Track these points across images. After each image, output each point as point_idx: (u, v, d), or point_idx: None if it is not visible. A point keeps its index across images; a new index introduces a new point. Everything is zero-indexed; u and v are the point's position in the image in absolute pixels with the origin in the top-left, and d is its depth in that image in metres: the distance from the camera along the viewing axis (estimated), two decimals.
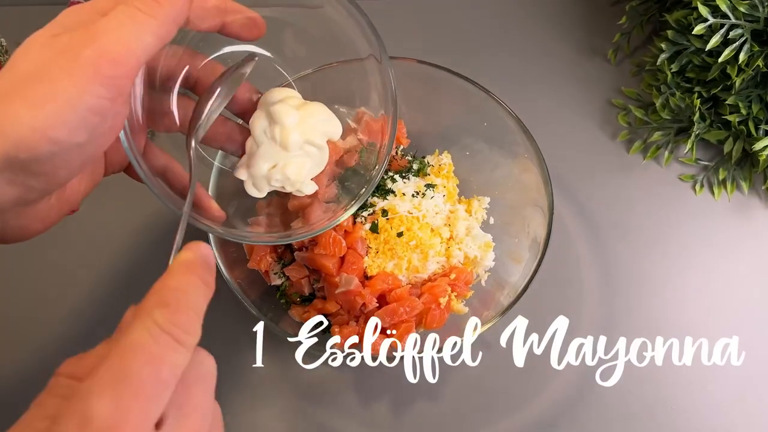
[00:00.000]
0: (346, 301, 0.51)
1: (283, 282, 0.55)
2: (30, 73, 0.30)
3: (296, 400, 0.56)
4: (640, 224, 0.65)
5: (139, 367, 0.26)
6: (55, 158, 0.31)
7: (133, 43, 0.31)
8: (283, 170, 0.43)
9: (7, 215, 0.34)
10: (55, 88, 0.30)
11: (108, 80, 0.31)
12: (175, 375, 0.27)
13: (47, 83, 0.30)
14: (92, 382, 0.25)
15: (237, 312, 0.58)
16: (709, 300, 0.62)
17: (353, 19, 0.44)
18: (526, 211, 0.57)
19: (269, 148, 0.43)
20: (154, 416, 0.26)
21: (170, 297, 0.29)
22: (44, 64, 0.30)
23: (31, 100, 0.30)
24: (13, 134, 0.29)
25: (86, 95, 0.30)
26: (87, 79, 0.30)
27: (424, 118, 0.61)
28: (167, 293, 0.29)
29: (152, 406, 0.26)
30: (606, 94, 0.71)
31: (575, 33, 0.74)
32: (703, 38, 0.63)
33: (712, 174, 0.67)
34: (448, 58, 0.60)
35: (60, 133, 0.30)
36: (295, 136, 0.43)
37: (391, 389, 0.57)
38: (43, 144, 0.30)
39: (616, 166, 0.68)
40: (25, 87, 0.30)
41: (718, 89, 0.64)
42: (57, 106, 0.30)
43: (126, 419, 0.25)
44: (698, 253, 0.64)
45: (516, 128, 0.56)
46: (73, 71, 0.30)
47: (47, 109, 0.30)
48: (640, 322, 0.61)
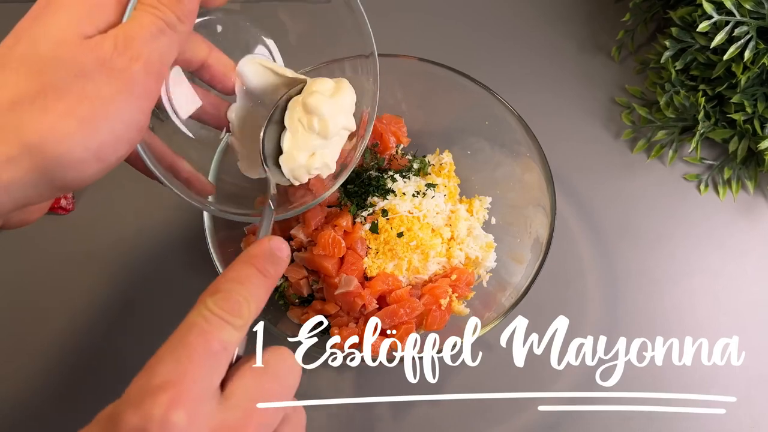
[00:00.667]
0: (346, 302, 0.51)
1: (282, 283, 0.55)
2: (71, 81, 0.29)
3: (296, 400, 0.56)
4: (643, 224, 0.65)
5: (192, 339, 0.29)
6: (94, 174, 0.31)
7: (167, 57, 0.32)
8: (323, 158, 0.44)
9: (14, 212, 0.34)
10: (107, 104, 0.29)
11: (151, 94, 0.31)
12: (225, 348, 0.30)
13: (97, 98, 0.29)
14: (155, 356, 0.29)
15: None
16: (713, 301, 0.61)
17: (354, 14, 0.43)
18: (528, 210, 0.57)
19: (306, 138, 0.43)
20: (209, 380, 0.29)
21: (223, 286, 0.32)
22: (87, 73, 0.29)
23: (81, 115, 0.29)
24: (60, 152, 0.29)
25: (135, 111, 0.30)
26: (137, 95, 0.30)
27: (425, 116, 0.61)
28: (222, 283, 0.32)
29: (206, 371, 0.29)
30: (609, 92, 0.70)
31: (578, 30, 0.74)
32: (707, 35, 0.62)
33: (717, 173, 0.67)
34: (449, 55, 0.59)
35: (108, 151, 0.30)
36: (334, 124, 0.43)
37: (391, 389, 0.57)
38: (92, 163, 0.30)
39: (619, 165, 0.67)
40: (70, 97, 0.29)
41: (723, 87, 0.63)
42: (111, 126, 0.30)
43: (183, 378, 0.28)
44: (702, 254, 0.64)
45: (518, 127, 0.56)
46: (123, 88, 0.30)
47: (102, 131, 0.29)
48: (642, 322, 0.60)
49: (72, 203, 0.62)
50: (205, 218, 0.52)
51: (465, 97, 0.57)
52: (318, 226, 0.54)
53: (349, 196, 0.56)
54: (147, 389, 0.28)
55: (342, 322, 0.52)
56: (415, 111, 0.60)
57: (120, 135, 0.30)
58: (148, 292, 0.60)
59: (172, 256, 0.61)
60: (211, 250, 0.51)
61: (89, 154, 0.30)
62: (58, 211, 0.61)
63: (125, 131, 0.31)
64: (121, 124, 0.30)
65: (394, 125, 0.59)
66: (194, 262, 0.60)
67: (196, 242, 0.56)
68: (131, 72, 0.30)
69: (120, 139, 0.31)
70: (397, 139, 0.59)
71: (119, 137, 0.30)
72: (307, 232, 0.53)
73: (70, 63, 0.29)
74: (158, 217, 0.62)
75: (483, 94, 0.56)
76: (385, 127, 0.58)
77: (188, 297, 0.58)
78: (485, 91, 0.56)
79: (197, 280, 0.58)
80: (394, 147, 0.59)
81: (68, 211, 0.62)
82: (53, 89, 0.29)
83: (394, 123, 0.59)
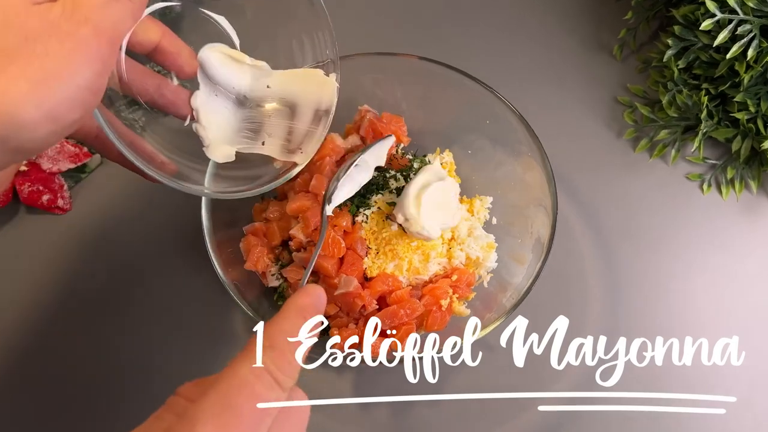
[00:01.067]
0: (346, 303, 0.51)
1: (281, 284, 0.54)
2: (21, 44, 0.29)
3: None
4: (645, 224, 0.64)
5: (241, 402, 0.29)
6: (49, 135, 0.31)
7: (120, 25, 0.32)
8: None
9: None
10: (58, 65, 0.29)
11: (104, 59, 0.31)
12: (272, 413, 0.30)
13: (48, 59, 0.29)
14: (200, 408, 0.29)
15: (237, 311, 0.58)
16: (715, 301, 0.61)
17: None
18: (529, 210, 0.56)
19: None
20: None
21: (278, 340, 0.33)
22: (37, 36, 0.30)
23: (33, 76, 0.29)
24: (14, 112, 0.29)
25: (88, 73, 0.30)
26: (88, 57, 0.30)
27: (425, 115, 0.61)
28: (277, 336, 0.33)
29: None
30: (612, 91, 0.70)
31: (580, 29, 0.73)
32: (710, 34, 0.62)
33: (720, 173, 0.66)
34: (449, 53, 0.59)
35: (61, 111, 0.30)
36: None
37: (391, 390, 0.56)
38: (45, 123, 0.30)
39: (621, 164, 0.67)
40: (20, 59, 0.29)
41: (726, 86, 0.63)
42: (61, 84, 0.30)
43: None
44: (705, 254, 0.63)
45: (519, 126, 0.55)
46: (73, 49, 0.30)
47: (54, 91, 0.30)
48: (643, 322, 0.60)
49: (69, 203, 0.62)
50: (204, 219, 0.51)
51: (465, 95, 0.57)
52: (317, 226, 0.53)
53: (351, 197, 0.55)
54: None
55: (342, 322, 0.52)
56: (415, 110, 0.60)
57: (73, 96, 0.31)
58: (146, 292, 0.59)
59: (169, 256, 0.60)
60: (210, 252, 0.51)
61: (41, 113, 0.30)
62: (55, 211, 0.61)
63: (78, 92, 0.31)
64: (74, 85, 0.30)
65: (394, 125, 0.58)
66: (192, 263, 0.59)
67: (193, 243, 0.55)
68: (80, 34, 0.30)
69: (73, 100, 0.31)
70: (398, 138, 0.58)
71: (72, 98, 0.31)
72: (307, 232, 0.53)
73: (18, 27, 0.30)
74: (156, 218, 0.62)
75: (484, 92, 0.56)
76: (386, 127, 0.58)
77: (186, 297, 0.59)
78: (486, 89, 0.56)
79: (195, 280, 0.59)
80: (394, 146, 0.58)
81: (65, 211, 0.61)
82: (3, 53, 0.29)
83: (394, 122, 0.59)
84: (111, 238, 0.61)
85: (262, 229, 0.55)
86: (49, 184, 0.60)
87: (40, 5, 0.31)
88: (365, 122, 0.58)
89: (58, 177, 0.61)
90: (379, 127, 0.58)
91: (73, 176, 0.63)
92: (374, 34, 0.72)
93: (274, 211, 0.55)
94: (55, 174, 0.61)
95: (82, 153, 0.62)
